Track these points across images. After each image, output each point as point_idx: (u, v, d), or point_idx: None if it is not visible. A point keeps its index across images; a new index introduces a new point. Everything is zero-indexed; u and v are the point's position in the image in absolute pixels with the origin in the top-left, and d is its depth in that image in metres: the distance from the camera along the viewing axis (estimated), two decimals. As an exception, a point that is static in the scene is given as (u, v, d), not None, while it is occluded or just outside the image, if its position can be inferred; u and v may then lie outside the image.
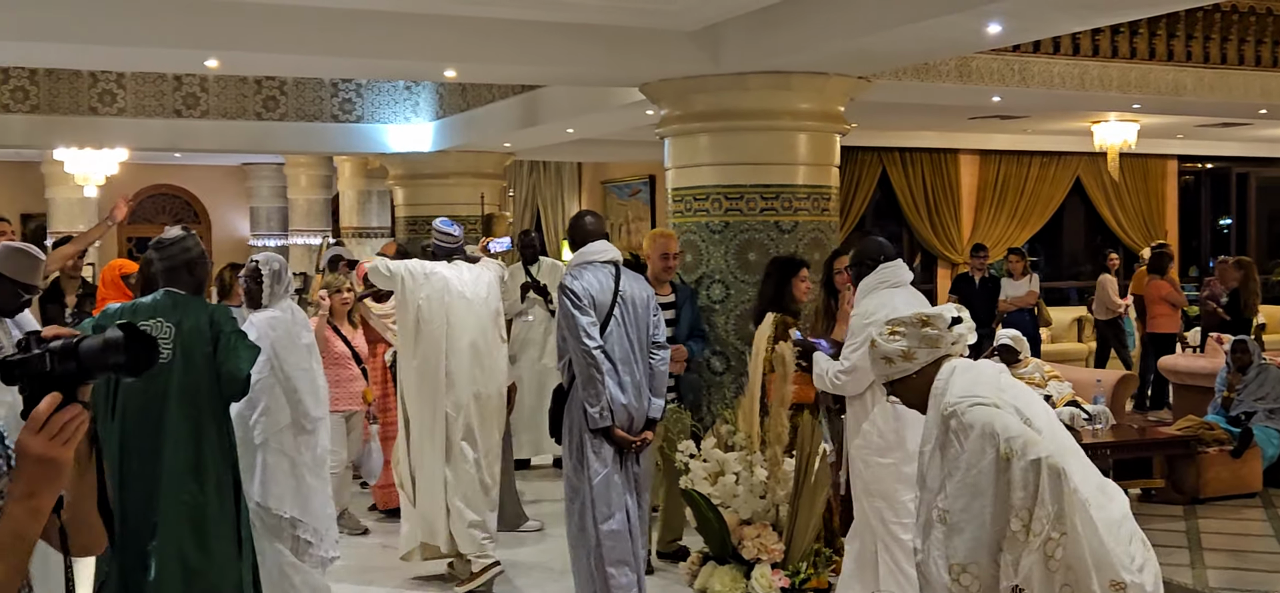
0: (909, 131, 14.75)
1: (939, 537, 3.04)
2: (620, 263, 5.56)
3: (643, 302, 5.50)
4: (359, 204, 16.03)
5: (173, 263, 4.98)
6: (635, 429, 5.44)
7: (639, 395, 5.42)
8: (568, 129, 10.98)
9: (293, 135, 12.28)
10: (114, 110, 11.52)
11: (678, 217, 8.01)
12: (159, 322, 4.82)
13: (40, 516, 1.87)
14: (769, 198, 7.70)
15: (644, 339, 5.49)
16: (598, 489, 5.40)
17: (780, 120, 7.66)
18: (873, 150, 15.73)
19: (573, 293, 5.34)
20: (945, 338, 3.38)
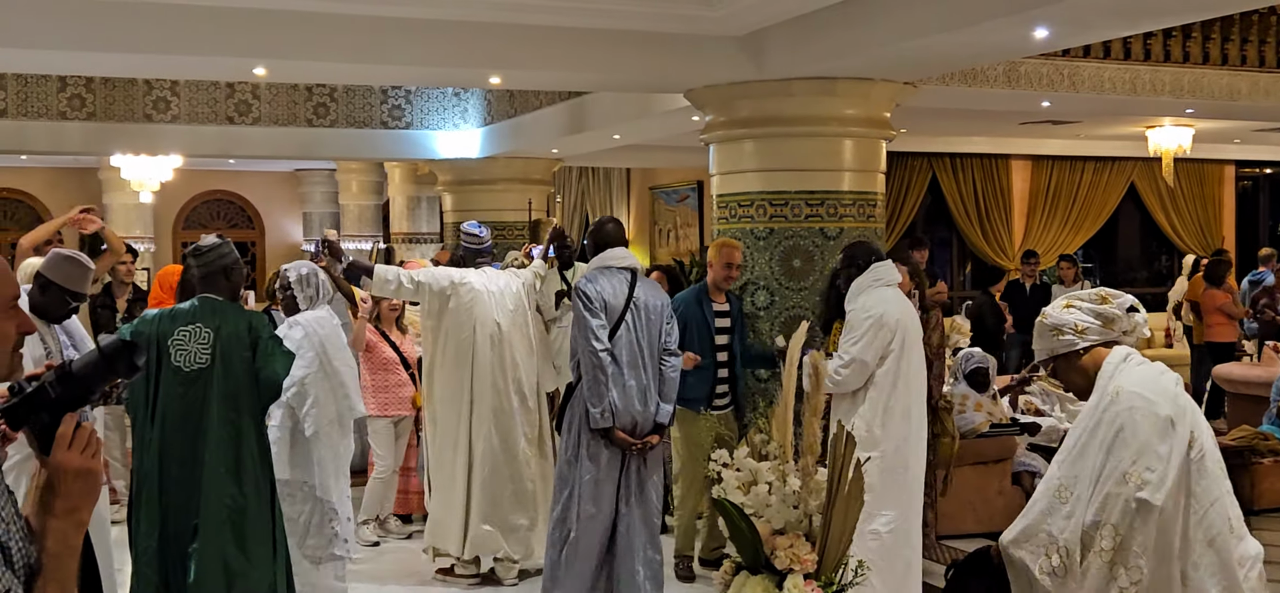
0: (959, 137, 14.63)
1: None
2: (638, 270, 5.69)
3: (656, 309, 5.63)
4: (409, 210, 16.16)
5: (209, 269, 5.06)
6: (640, 433, 5.58)
7: (645, 400, 5.56)
8: (614, 135, 11.00)
9: (343, 141, 12.41)
10: (168, 117, 11.69)
11: (722, 223, 7.99)
12: (197, 327, 4.90)
13: (82, 529, 1.99)
14: (814, 204, 7.67)
15: (655, 345, 5.62)
16: (586, 487, 5.55)
17: (825, 126, 7.63)
18: (922, 156, 15.63)
19: (585, 295, 5.52)
20: (1120, 321, 3.32)
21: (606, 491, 5.59)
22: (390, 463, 7.82)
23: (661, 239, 17.81)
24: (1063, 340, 3.33)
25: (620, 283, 5.61)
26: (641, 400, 5.56)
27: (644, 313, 5.62)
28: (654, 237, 17.97)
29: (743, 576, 4.63)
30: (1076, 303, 3.36)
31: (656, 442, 5.69)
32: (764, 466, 4.02)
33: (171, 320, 4.93)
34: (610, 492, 5.60)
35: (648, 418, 5.59)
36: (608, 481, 5.59)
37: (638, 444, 5.59)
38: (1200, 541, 3.07)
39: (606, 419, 5.47)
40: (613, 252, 5.72)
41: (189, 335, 4.87)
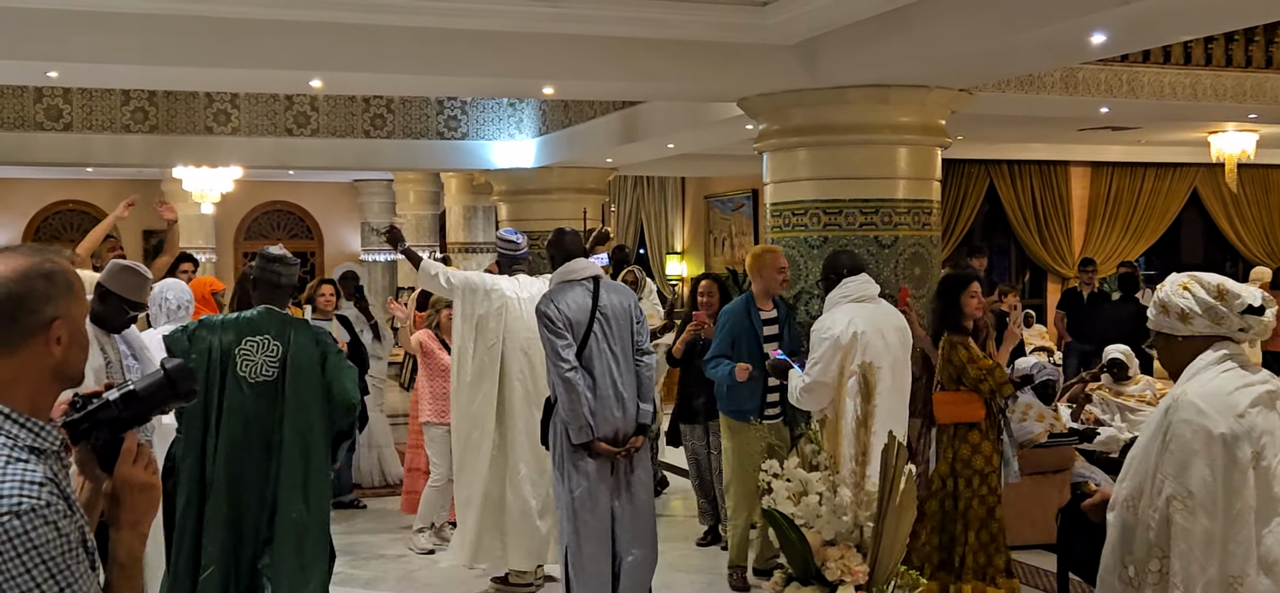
0: (1017, 144, 14.49)
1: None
2: (600, 278, 5.75)
3: (623, 312, 5.71)
4: (465, 220, 16.25)
5: (276, 281, 5.09)
6: (623, 438, 5.66)
7: (623, 405, 5.64)
8: (668, 144, 11.01)
9: (400, 152, 12.51)
10: (228, 130, 11.86)
11: (776, 232, 7.98)
12: (266, 339, 4.91)
13: (145, 540, 2.09)
14: (868, 212, 7.64)
15: (628, 348, 5.69)
16: (580, 500, 5.62)
17: (879, 134, 7.60)
18: (979, 163, 15.49)
19: (547, 317, 5.59)
20: (1230, 320, 3.14)
21: (601, 497, 5.67)
22: (445, 471, 7.86)
23: (716, 248, 17.79)
24: (1164, 320, 3.21)
25: (582, 295, 5.68)
26: (620, 407, 5.64)
27: (612, 319, 5.68)
28: (709, 245, 17.96)
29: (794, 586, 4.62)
30: (1193, 288, 3.19)
31: (641, 443, 5.75)
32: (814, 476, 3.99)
33: (237, 329, 4.96)
34: (605, 497, 5.67)
35: (629, 422, 5.68)
36: (600, 487, 5.66)
37: (621, 451, 5.66)
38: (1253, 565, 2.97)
39: (585, 434, 5.56)
40: (573, 265, 5.78)
41: (257, 347, 4.91)
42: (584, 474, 5.65)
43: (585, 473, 5.65)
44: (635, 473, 5.76)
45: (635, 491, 5.76)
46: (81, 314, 2.06)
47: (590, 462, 5.63)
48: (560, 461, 5.71)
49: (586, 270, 5.81)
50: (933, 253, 7.81)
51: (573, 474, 5.65)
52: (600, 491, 5.66)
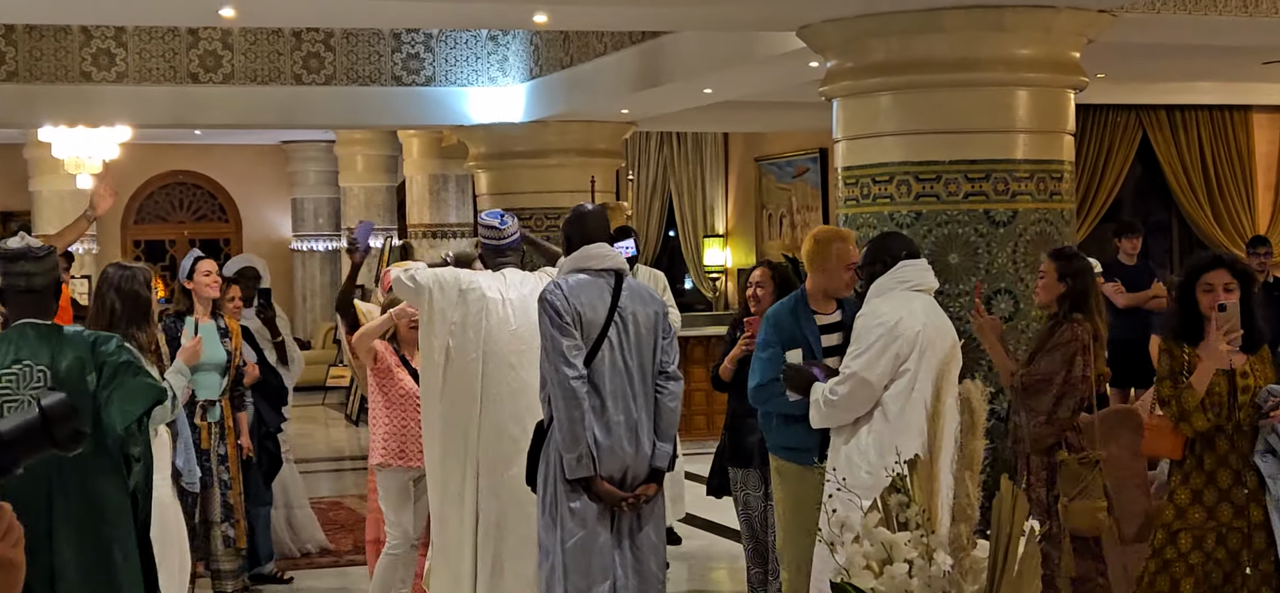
0: (1179, 83, 14.44)
1: None
2: (624, 273, 5.87)
3: (649, 321, 5.83)
4: (431, 194, 16.33)
5: (26, 285, 5.02)
6: (632, 482, 5.77)
7: (636, 440, 5.76)
8: (704, 89, 11.03)
9: (342, 104, 12.57)
10: (112, 76, 11.93)
11: (851, 205, 7.98)
12: (26, 368, 4.90)
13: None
14: (976, 177, 7.64)
15: (648, 368, 5.83)
16: (571, 554, 5.70)
17: (990, 72, 7.60)
18: (1128, 110, 15.45)
19: (552, 307, 5.70)
20: None
21: (598, 553, 5.74)
22: (404, 533, 7.87)
23: (771, 227, 17.80)
24: None
25: (601, 290, 5.80)
26: (632, 440, 5.74)
27: (633, 327, 5.80)
28: (761, 224, 17.97)
29: (877, 687, 4.63)
30: None
31: (654, 492, 5.86)
32: (902, 537, 3.99)
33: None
34: (604, 553, 5.75)
35: (641, 463, 5.78)
36: (599, 539, 5.75)
37: (629, 498, 5.76)
38: None
39: (585, 466, 5.65)
40: (593, 249, 5.90)
41: (16, 380, 4.86)
42: (580, 521, 5.73)
43: (582, 519, 5.73)
44: (643, 532, 5.85)
45: (642, 554, 5.84)
46: None
47: (589, 506, 5.72)
48: (551, 502, 5.79)
49: (609, 260, 5.90)
50: (1064, 232, 7.81)
51: (566, 520, 5.73)
52: (598, 543, 5.74)
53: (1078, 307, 6.91)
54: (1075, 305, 6.92)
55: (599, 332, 5.74)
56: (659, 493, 5.94)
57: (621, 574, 5.82)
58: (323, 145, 19.56)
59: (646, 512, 5.86)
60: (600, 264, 5.88)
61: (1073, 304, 6.92)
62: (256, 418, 8.78)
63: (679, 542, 9.97)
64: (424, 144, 16.19)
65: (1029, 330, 7.68)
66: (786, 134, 17.11)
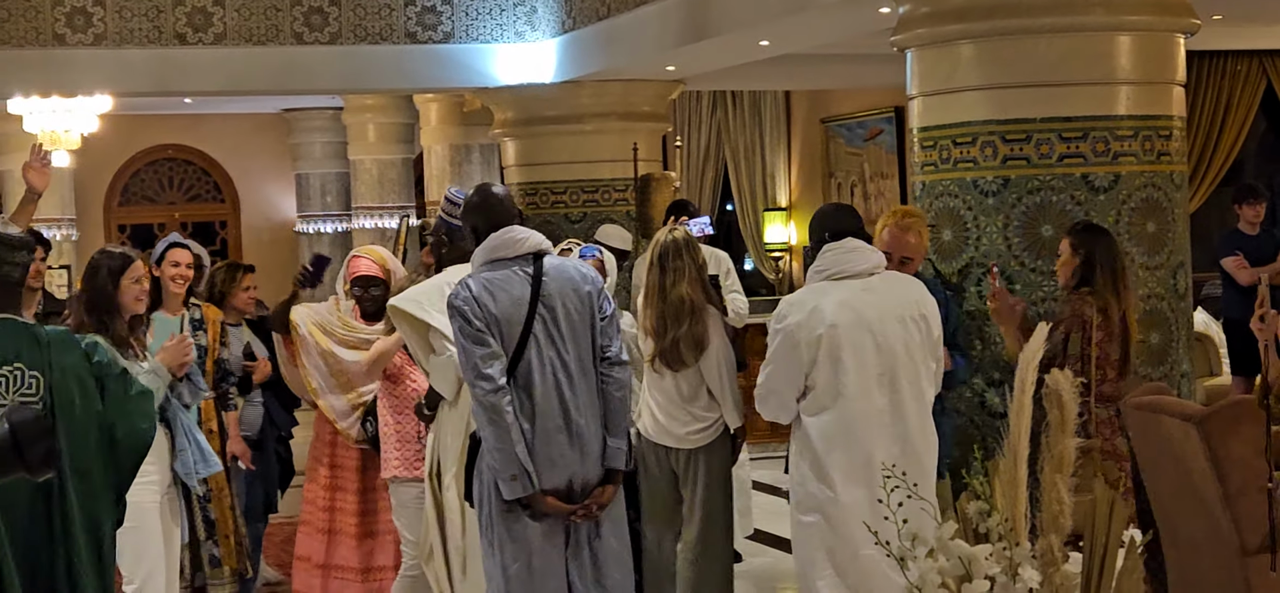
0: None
1: None
2: (545, 252, 5.91)
3: (580, 305, 5.87)
4: (453, 166, 16.34)
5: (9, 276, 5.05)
6: (583, 490, 5.86)
7: (581, 443, 5.84)
8: (759, 41, 11.00)
9: (350, 65, 12.62)
10: (89, 38, 12.00)
11: (929, 171, 8.02)
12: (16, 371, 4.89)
13: None
14: (1072, 137, 7.66)
15: (586, 359, 5.87)
16: (514, 581, 5.78)
17: (1088, 15, 7.63)
18: (1250, 56, 15.32)
19: (460, 313, 5.76)
20: None
21: (546, 582, 5.84)
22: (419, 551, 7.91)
23: (841, 198, 17.73)
24: None
25: (517, 280, 5.85)
26: (575, 445, 5.81)
27: (562, 316, 5.85)
28: (829, 194, 17.91)
29: None
30: None
31: (610, 496, 5.93)
32: (982, 550, 3.98)
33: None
34: (553, 583, 5.85)
35: (590, 465, 5.85)
36: (547, 563, 5.83)
37: (577, 511, 5.83)
38: None
39: (522, 484, 5.72)
40: (502, 236, 5.91)
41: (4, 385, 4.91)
42: (522, 545, 5.80)
43: (524, 543, 5.80)
44: (602, 540, 5.92)
45: (603, 565, 5.91)
46: None
47: (532, 526, 5.79)
48: (488, 523, 5.88)
49: (522, 245, 5.93)
50: (1174, 198, 7.81)
51: (505, 544, 5.81)
52: (547, 566, 5.82)
53: (1084, 280, 7.07)
54: (1083, 279, 7.08)
55: (521, 330, 5.77)
56: (616, 494, 5.99)
57: (580, 590, 5.89)
58: (329, 113, 19.59)
59: (605, 517, 5.92)
60: (513, 251, 5.90)
61: (1081, 278, 7.09)
62: (266, 420, 8.78)
63: (740, 559, 9.98)
64: (443, 110, 16.20)
65: (1136, 311, 7.67)
66: (857, 91, 17.05)
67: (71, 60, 12.04)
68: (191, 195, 21.39)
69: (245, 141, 20.98)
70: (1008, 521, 4.06)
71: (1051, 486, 3.94)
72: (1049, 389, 3.93)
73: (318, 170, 20.37)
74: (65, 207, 18.61)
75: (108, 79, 12.37)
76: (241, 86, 12.82)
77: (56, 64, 12.04)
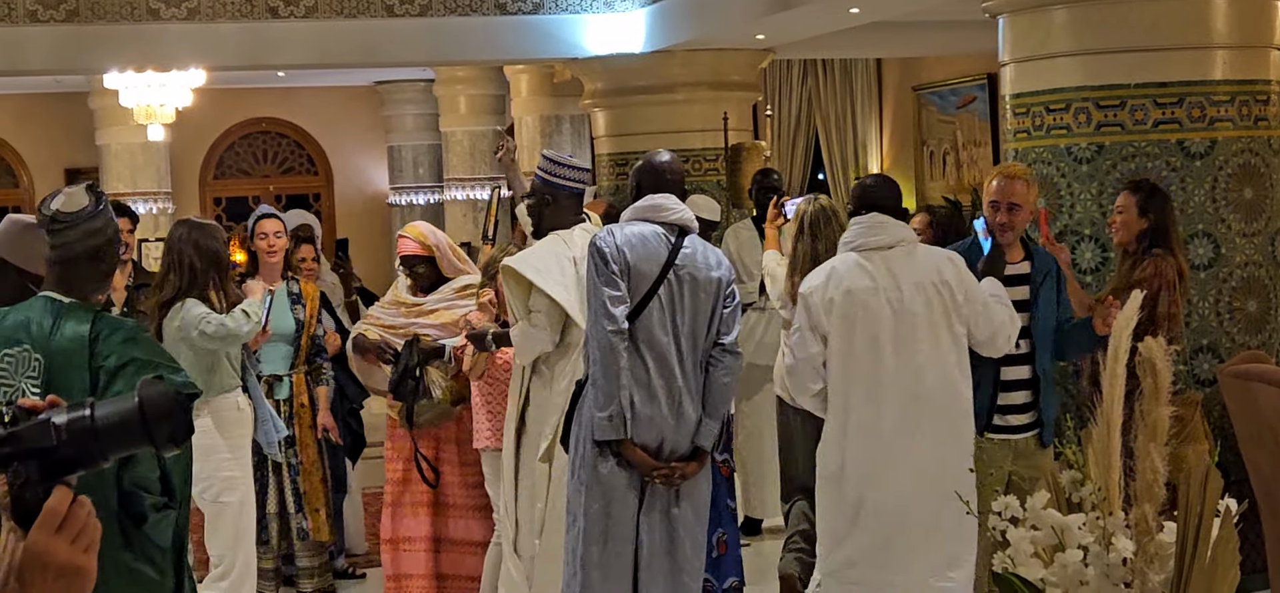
0: None
1: None
2: (691, 229, 6.07)
3: (709, 286, 6.01)
4: (543, 137, 16.37)
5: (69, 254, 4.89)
6: (669, 457, 5.99)
7: (679, 409, 5.96)
8: (850, 8, 10.95)
9: (440, 38, 12.64)
10: (182, 13, 12.09)
11: (1022, 139, 8.02)
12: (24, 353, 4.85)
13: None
14: (1167, 102, 7.64)
15: (700, 337, 6.01)
16: (592, 519, 5.95)
17: (1182, -23, 7.60)
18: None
19: (600, 252, 5.94)
20: None
21: (619, 528, 5.97)
22: (514, 526, 7.96)
23: (933, 166, 17.66)
24: None
25: (659, 243, 6.01)
26: (673, 410, 5.94)
27: (688, 286, 5.99)
28: (921, 163, 17.82)
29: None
30: None
31: (693, 471, 6.02)
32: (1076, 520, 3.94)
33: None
34: (625, 529, 5.99)
35: (682, 437, 5.97)
36: (621, 514, 5.97)
37: (661, 471, 5.94)
38: None
39: (615, 427, 5.87)
40: (659, 199, 6.12)
41: (13, 367, 4.91)
42: (604, 490, 5.96)
43: (608, 485, 5.96)
44: (680, 509, 6.03)
45: (676, 534, 6.03)
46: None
47: (617, 473, 5.95)
48: (580, 463, 6.03)
49: (675, 212, 6.10)
50: (1272, 164, 7.80)
51: (592, 486, 5.97)
52: (620, 518, 5.97)
53: (1158, 242, 7.06)
54: (1156, 241, 7.06)
55: (649, 286, 5.93)
56: (701, 474, 6.08)
57: (646, 552, 6.00)
58: (421, 85, 19.68)
59: (686, 492, 6.03)
60: (665, 217, 6.07)
61: (1153, 239, 7.06)
62: (337, 393, 8.84)
63: None
64: (534, 81, 16.23)
65: (1232, 280, 7.60)
66: (949, 58, 16.95)
67: (164, 35, 12.13)
68: (285, 168, 21.54)
69: (338, 114, 21.10)
70: (1101, 490, 4.02)
71: (1145, 454, 3.90)
72: (1142, 357, 3.89)
73: (410, 142, 20.48)
74: (161, 180, 18.78)
75: (200, 53, 12.47)
76: (332, 60, 12.89)
77: (150, 39, 12.14)
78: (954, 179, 16.91)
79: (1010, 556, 3.93)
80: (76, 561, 2.06)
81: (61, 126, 19.52)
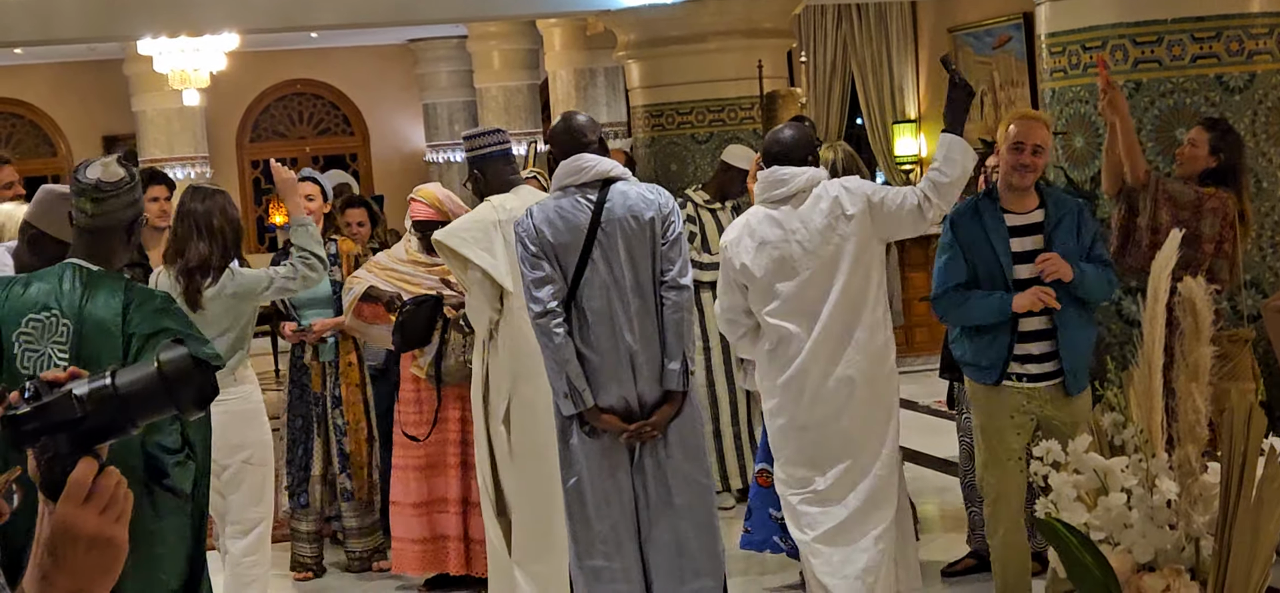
0: None
1: None
2: (615, 177, 6.13)
3: (639, 225, 6.06)
4: (578, 90, 16.35)
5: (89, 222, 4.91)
6: (642, 411, 6.06)
7: (633, 365, 6.04)
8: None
9: (471, -8, 12.63)
10: (213, -23, 12.09)
11: (1058, 78, 7.94)
12: (51, 317, 4.83)
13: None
14: (1205, 37, 7.54)
15: (645, 282, 6.08)
16: (571, 494, 6.13)
17: (1218, -92, 7.54)
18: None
19: (520, 238, 6.12)
20: None
21: (607, 496, 6.10)
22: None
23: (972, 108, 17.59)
24: None
25: (577, 206, 6.07)
26: (628, 367, 6.03)
27: (620, 240, 6.04)
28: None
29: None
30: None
31: (666, 416, 6.07)
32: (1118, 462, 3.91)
33: (24, 291, 4.85)
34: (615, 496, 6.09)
35: (647, 386, 6.06)
36: (604, 481, 6.10)
37: (629, 430, 6.02)
38: None
39: (574, 402, 5.99)
40: (576, 162, 6.14)
41: (40, 330, 4.87)
42: (577, 461, 6.09)
43: (580, 456, 6.09)
44: (671, 461, 6.11)
45: (672, 486, 6.11)
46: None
47: (588, 443, 6.05)
48: (561, 431, 6.18)
49: (587, 172, 6.14)
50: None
51: (566, 461, 6.14)
52: (605, 482, 6.07)
53: (1224, 181, 7.04)
54: (1222, 180, 7.04)
55: (578, 255, 6.02)
56: (685, 414, 6.14)
57: (644, 506, 6.11)
58: (454, 42, 19.68)
59: (675, 439, 6.11)
60: (583, 177, 6.11)
61: (1218, 179, 7.04)
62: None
63: None
64: (567, 34, 16.20)
65: (1275, 214, 7.55)
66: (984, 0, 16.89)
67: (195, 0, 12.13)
68: (321, 129, 21.57)
69: (373, 74, 21.12)
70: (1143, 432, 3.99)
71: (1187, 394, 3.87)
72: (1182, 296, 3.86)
73: (445, 100, 20.49)
74: (197, 145, 18.83)
75: (232, 16, 12.45)
76: (365, 19, 12.87)
77: (182, 4, 12.12)
78: (991, 120, 16.82)
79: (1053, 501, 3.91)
80: (107, 531, 2.06)
81: (97, 94, 19.59)
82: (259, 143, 21.20)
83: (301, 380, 8.47)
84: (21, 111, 20.31)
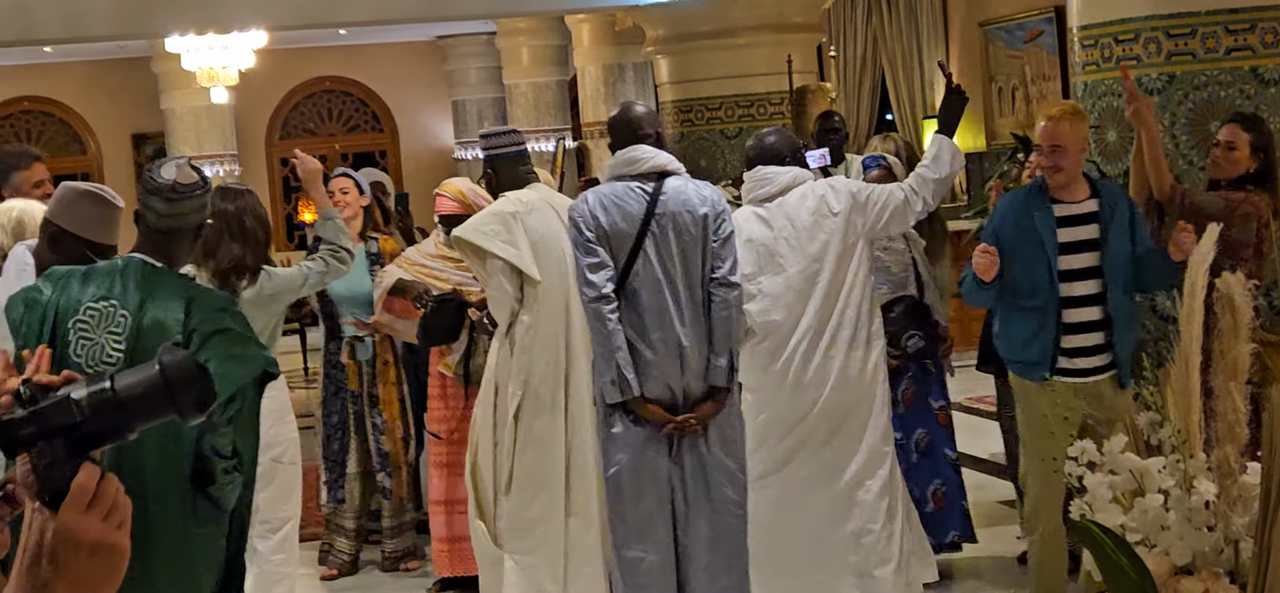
0: None
1: None
2: (669, 171, 6.20)
3: (693, 222, 6.15)
4: (606, 86, 16.34)
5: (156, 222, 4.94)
6: (686, 404, 6.09)
7: (684, 357, 6.08)
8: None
9: (499, -12, 12.62)
10: (241, -26, 12.09)
11: (1090, 72, 7.86)
12: (109, 307, 4.83)
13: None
14: (1239, 29, 7.46)
15: (695, 277, 6.15)
16: (611, 483, 6.18)
17: (1255, -106, 7.48)
18: None
19: (575, 223, 6.18)
20: None
21: (648, 485, 6.13)
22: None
23: (1002, 103, 17.53)
24: None
25: (636, 197, 6.14)
26: (675, 359, 6.07)
27: (672, 231, 6.10)
28: (990, 100, 17.69)
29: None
30: None
31: (710, 412, 6.11)
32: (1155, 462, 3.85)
33: (83, 285, 4.88)
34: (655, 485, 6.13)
35: (694, 380, 6.09)
36: (644, 471, 6.11)
37: (675, 422, 6.05)
38: None
39: (620, 390, 6.02)
40: (632, 152, 6.22)
41: (98, 319, 4.85)
42: (620, 447, 6.12)
43: (622, 445, 6.12)
44: (711, 455, 6.15)
45: (711, 479, 6.15)
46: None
47: (632, 430, 6.08)
48: (604, 419, 6.24)
49: (649, 160, 6.21)
50: None
51: (608, 447, 6.19)
52: (646, 471, 6.12)
53: (1262, 182, 6.95)
54: (1259, 181, 6.95)
55: (632, 244, 6.07)
56: (726, 410, 6.19)
57: (682, 498, 6.15)
58: (483, 38, 19.71)
59: (716, 433, 6.15)
60: (638, 169, 6.20)
61: (1255, 180, 6.95)
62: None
63: None
64: (596, 30, 16.19)
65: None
66: (1016, -8, 16.85)
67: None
68: (351, 126, 21.60)
69: (402, 70, 21.15)
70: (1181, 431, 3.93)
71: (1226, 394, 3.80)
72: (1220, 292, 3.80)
73: (474, 96, 20.53)
74: (227, 143, 18.88)
75: (260, 13, 12.45)
76: (394, 15, 12.87)
77: (211, 2, 12.12)
78: (1023, 115, 16.76)
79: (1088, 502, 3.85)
80: (109, 537, 2.04)
81: (126, 92, 19.65)
82: (288, 140, 21.18)
83: (337, 378, 8.46)
84: (51, 109, 20.39)
